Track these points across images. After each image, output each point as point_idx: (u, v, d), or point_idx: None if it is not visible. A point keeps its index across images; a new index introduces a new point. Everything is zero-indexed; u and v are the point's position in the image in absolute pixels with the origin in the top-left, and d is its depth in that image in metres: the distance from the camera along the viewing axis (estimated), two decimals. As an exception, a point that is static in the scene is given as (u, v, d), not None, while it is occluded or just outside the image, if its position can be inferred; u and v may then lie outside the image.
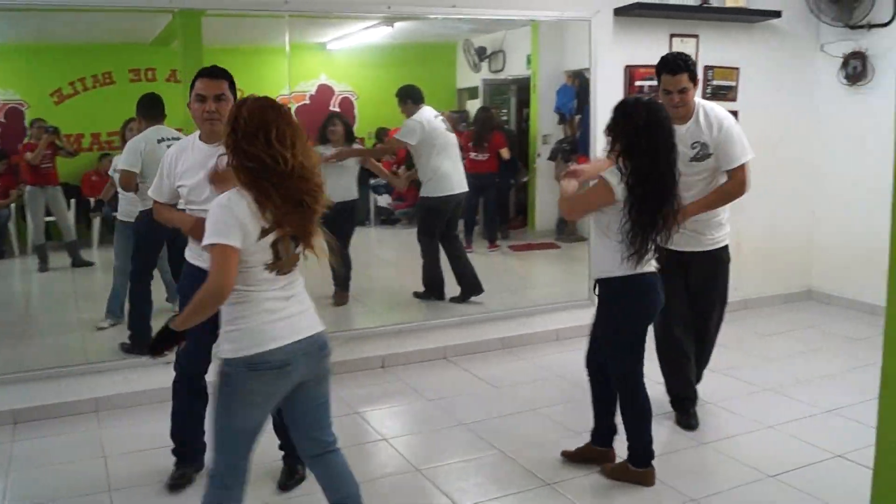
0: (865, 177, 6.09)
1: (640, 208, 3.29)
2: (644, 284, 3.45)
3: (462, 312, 6.06)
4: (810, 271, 6.86)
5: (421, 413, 4.60)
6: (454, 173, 6.29)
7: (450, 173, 6.24)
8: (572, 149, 7.80)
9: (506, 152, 8.40)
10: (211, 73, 3.36)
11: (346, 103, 10.15)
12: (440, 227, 6.32)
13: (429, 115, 6.27)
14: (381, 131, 8.89)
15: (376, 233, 9.74)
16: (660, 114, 3.35)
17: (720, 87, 6.18)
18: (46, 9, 5.62)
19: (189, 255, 3.47)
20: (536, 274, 8.37)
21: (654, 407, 3.65)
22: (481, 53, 9.64)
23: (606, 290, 3.50)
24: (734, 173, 3.99)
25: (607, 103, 3.59)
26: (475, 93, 10.06)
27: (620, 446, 3.72)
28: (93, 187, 8.78)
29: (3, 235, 8.36)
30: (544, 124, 8.75)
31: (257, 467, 3.02)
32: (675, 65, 3.88)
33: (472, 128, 8.90)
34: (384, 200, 9.65)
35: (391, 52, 9.42)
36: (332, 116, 6.81)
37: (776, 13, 6.18)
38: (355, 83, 10.17)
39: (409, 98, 6.30)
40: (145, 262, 5.27)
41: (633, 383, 3.53)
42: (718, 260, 4.20)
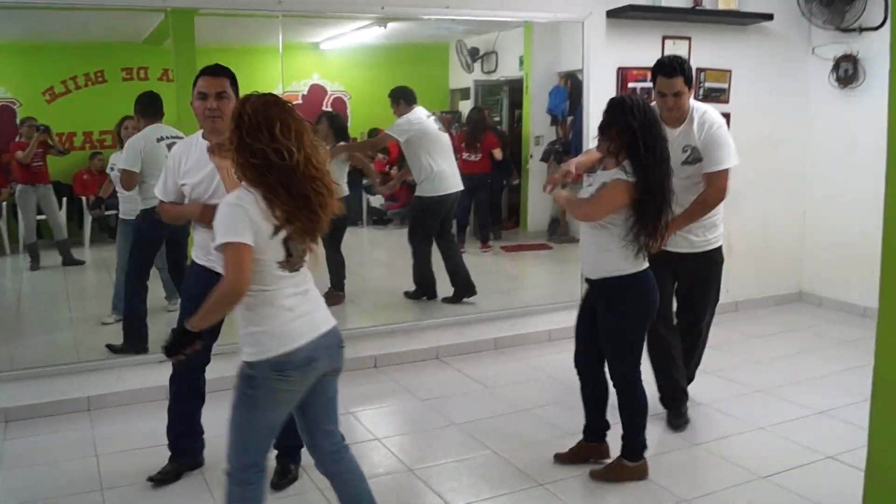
0: (856, 179, 6.10)
1: (647, 203, 3.32)
2: (650, 280, 3.50)
3: (455, 313, 6.07)
4: (801, 273, 6.88)
5: (413, 413, 4.60)
6: (449, 172, 6.29)
7: (445, 172, 6.24)
8: (564, 150, 7.83)
9: (498, 153, 8.42)
10: (213, 70, 3.37)
11: (338, 103, 10.16)
12: (435, 226, 6.32)
13: (421, 114, 6.27)
14: (373, 132, 8.88)
15: (369, 233, 9.74)
16: (653, 112, 3.46)
17: (712, 90, 6.18)
18: (39, 7, 5.60)
19: (195, 255, 3.47)
20: (529, 275, 8.38)
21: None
22: (474, 54, 9.65)
23: (614, 289, 3.48)
24: (713, 179, 3.95)
25: (600, 105, 3.59)
26: (467, 94, 10.08)
27: (612, 440, 3.75)
28: (84, 186, 8.79)
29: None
30: (536, 125, 8.78)
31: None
32: (671, 68, 3.87)
33: (464, 128, 8.93)
34: (377, 201, 9.66)
35: (384, 53, 9.43)
36: (321, 116, 6.81)
37: (768, 16, 6.20)
38: (348, 83, 10.18)
39: (402, 99, 6.29)
40: (144, 260, 5.27)
41: (633, 381, 3.56)
42: (712, 261, 4.20)
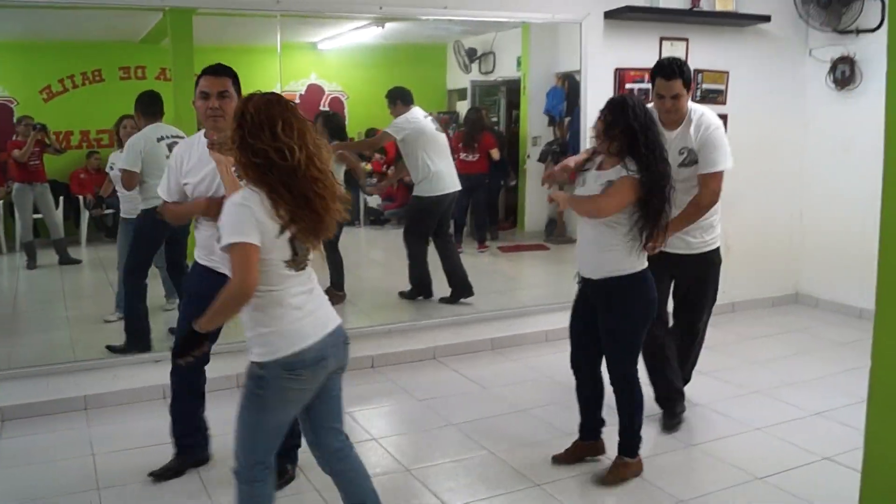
0: (853, 181, 6.10)
1: (651, 201, 3.33)
2: (649, 280, 3.51)
3: (452, 313, 6.07)
4: (798, 274, 6.89)
5: (410, 413, 4.60)
6: (447, 173, 6.29)
7: (443, 172, 6.24)
8: (562, 150, 7.82)
9: (496, 153, 8.41)
10: (215, 70, 3.36)
11: (336, 103, 10.16)
12: (432, 226, 6.32)
13: (418, 114, 6.27)
14: (371, 132, 8.88)
15: (366, 233, 9.74)
16: (651, 113, 3.49)
17: (709, 91, 6.19)
18: (37, 6, 5.60)
19: (197, 255, 3.46)
20: (526, 275, 8.38)
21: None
22: (472, 55, 9.64)
23: (614, 289, 3.48)
24: (708, 181, 3.94)
25: (597, 106, 3.58)
26: (465, 94, 10.08)
27: (605, 436, 3.79)
28: (81, 184, 8.77)
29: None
30: (534, 126, 8.78)
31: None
32: (670, 70, 3.87)
33: (462, 128, 8.92)
34: (374, 201, 9.66)
35: (382, 53, 9.43)
36: (317, 115, 6.80)
37: (765, 17, 6.20)
38: (346, 83, 10.18)
39: (399, 99, 6.29)
40: (143, 260, 5.25)
41: (632, 380, 3.58)
42: (710, 262, 4.21)
